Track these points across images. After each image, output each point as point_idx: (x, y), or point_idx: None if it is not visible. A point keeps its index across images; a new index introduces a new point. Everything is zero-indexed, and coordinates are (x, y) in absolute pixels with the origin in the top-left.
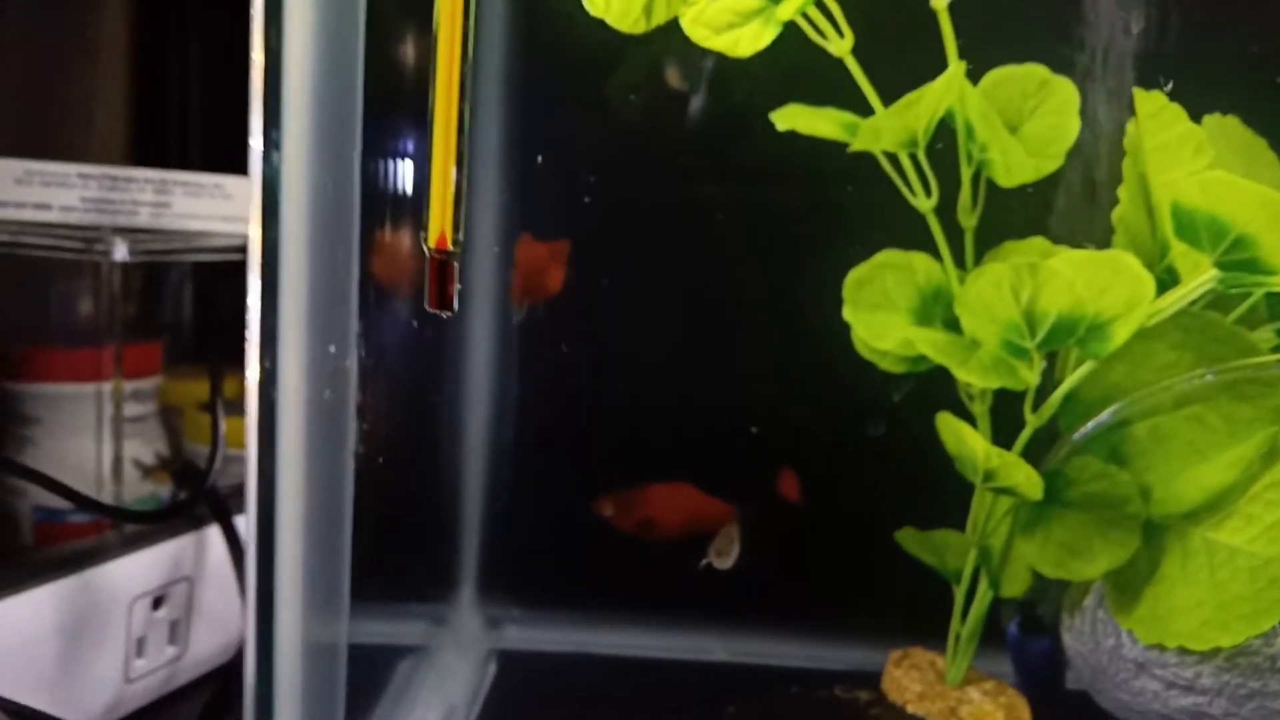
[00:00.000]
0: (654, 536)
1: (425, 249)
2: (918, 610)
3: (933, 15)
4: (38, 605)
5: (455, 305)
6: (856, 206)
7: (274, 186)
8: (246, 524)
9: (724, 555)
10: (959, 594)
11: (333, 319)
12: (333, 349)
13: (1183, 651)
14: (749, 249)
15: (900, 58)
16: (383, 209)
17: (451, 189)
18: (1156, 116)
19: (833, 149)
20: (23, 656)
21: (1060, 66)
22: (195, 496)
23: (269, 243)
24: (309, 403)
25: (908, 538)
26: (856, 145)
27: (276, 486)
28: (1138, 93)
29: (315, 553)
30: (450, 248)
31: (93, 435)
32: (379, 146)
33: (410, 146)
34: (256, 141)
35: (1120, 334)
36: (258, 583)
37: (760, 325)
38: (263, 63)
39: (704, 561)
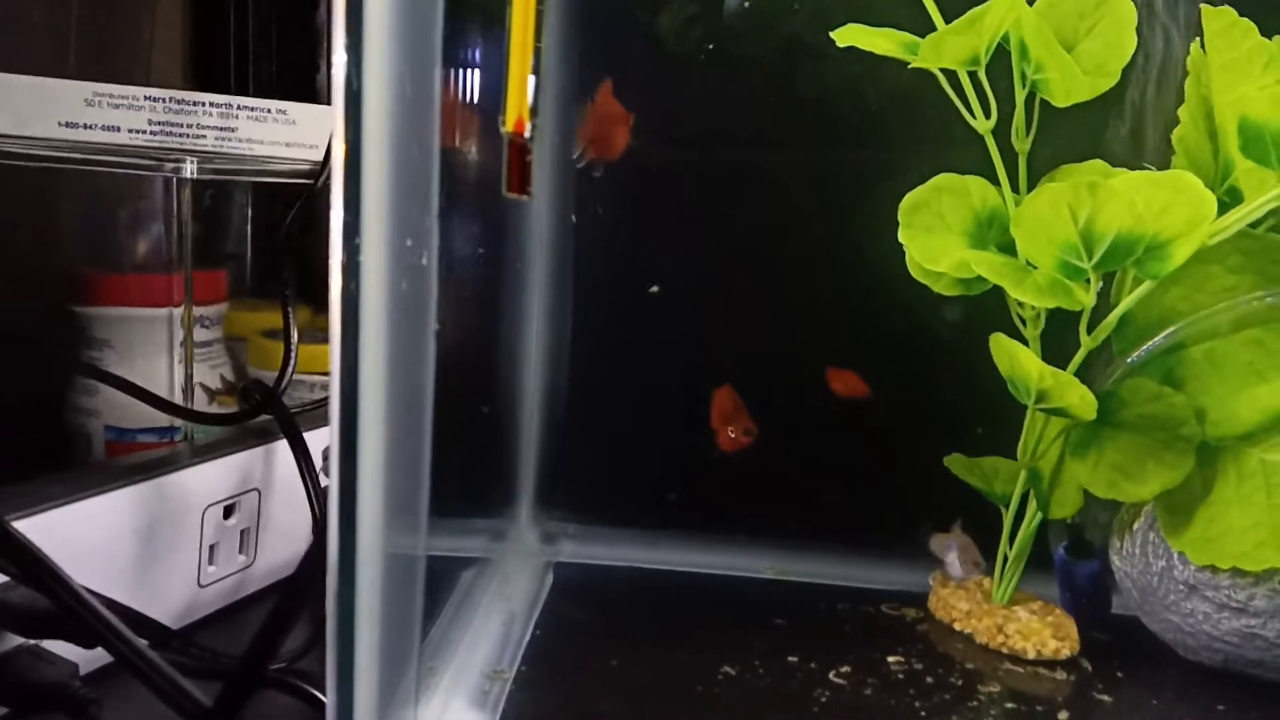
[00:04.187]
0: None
1: (503, 133)
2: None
3: None
4: (116, 507)
5: (532, 190)
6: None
7: (356, 86)
8: (330, 413)
9: (975, 564)
10: (1007, 517)
11: (409, 214)
12: (409, 243)
13: (1236, 573)
14: (797, 178)
15: None
16: (459, 109)
17: (529, 72)
18: (1225, 33)
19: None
20: (102, 555)
21: None
22: (267, 401)
23: (351, 140)
24: (388, 292)
25: (956, 463)
26: (918, 62)
27: (359, 378)
28: (1205, 9)
29: (397, 449)
30: (527, 131)
31: (163, 358)
32: (457, 48)
33: (486, 48)
34: (339, 39)
35: (1180, 254)
36: (340, 476)
37: (813, 248)
38: None
39: (937, 573)
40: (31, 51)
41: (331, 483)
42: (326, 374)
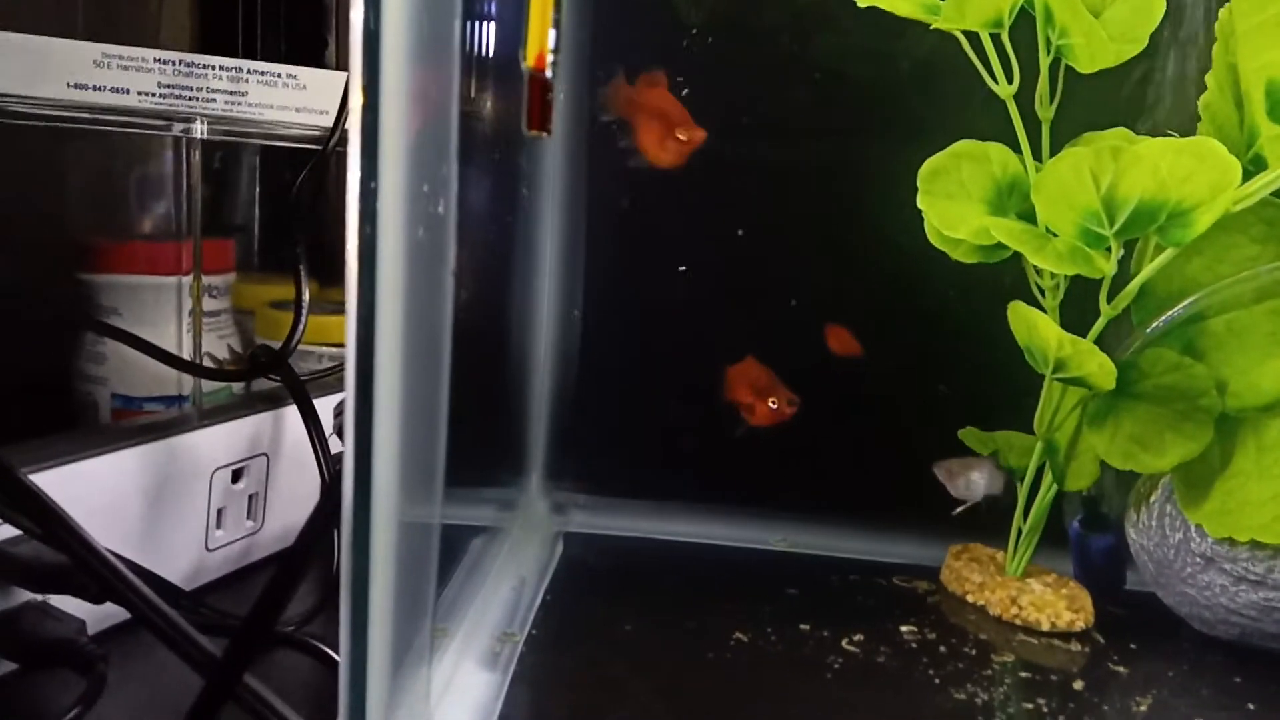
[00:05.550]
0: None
1: (523, 69)
2: (975, 510)
3: None
4: (124, 466)
5: (551, 127)
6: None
7: (373, 26)
8: (346, 355)
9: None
10: (1022, 490)
11: (426, 159)
12: (426, 188)
13: (1255, 546)
14: (808, 150)
15: None
16: (478, 54)
17: (550, 7)
18: None
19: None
20: (109, 515)
21: None
22: (275, 360)
23: (367, 84)
24: (405, 239)
25: (971, 436)
26: (939, 23)
27: (376, 325)
28: None
29: (413, 399)
30: (548, 68)
31: (172, 326)
32: None
33: None
34: None
35: (1203, 221)
36: (357, 427)
37: (827, 220)
38: None
39: (959, 510)
40: (40, 14)
41: (347, 433)
42: (335, 345)
